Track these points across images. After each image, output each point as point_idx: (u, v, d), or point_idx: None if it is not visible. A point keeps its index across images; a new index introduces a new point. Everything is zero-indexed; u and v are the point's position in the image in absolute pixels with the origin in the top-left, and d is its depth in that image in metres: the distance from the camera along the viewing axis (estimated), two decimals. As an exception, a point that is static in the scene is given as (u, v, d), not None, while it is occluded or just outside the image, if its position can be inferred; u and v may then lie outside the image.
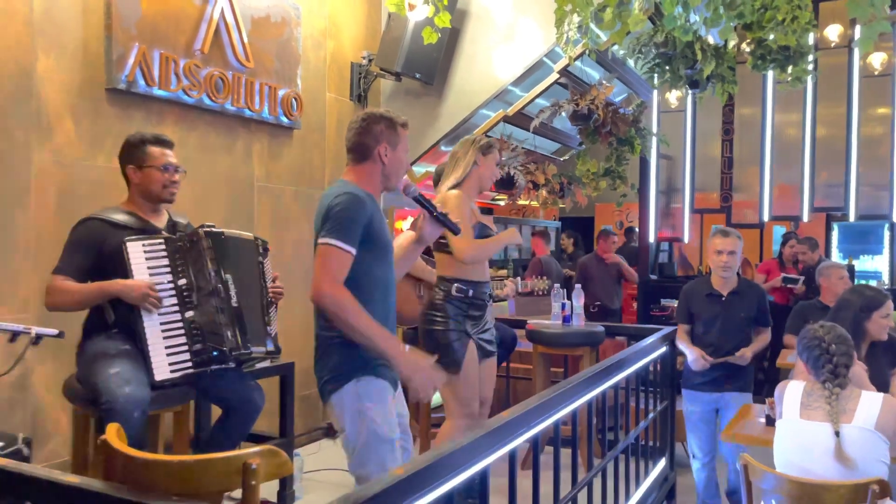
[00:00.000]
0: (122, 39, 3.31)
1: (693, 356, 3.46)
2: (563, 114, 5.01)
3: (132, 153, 2.66)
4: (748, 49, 4.35)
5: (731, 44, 4.11)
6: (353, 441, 2.21)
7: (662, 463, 3.72)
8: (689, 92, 5.02)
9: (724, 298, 3.49)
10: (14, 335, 2.22)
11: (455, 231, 2.52)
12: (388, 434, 2.22)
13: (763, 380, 6.23)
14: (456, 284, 3.02)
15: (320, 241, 2.16)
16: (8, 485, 1.55)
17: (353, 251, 2.15)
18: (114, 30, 3.28)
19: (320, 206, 2.26)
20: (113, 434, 1.57)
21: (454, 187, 3.09)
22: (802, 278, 6.32)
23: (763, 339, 3.57)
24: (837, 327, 2.45)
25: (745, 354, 3.43)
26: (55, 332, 2.28)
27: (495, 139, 3.71)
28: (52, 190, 3.12)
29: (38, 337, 2.23)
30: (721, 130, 7.45)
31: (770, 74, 6.96)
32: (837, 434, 2.22)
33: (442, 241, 3.00)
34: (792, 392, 2.41)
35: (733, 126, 7.49)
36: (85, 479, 1.48)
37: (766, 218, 7.31)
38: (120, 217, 2.60)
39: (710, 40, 4.37)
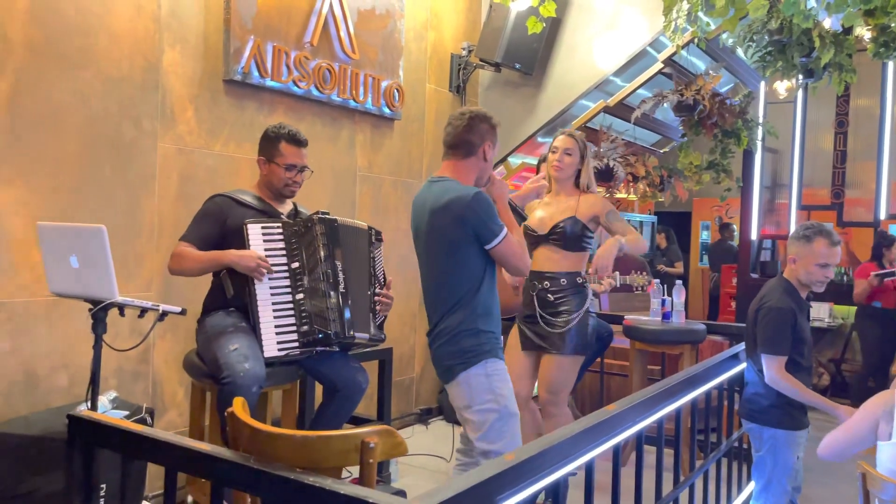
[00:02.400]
0: (238, 33, 3.47)
1: (844, 416, 2.48)
2: (666, 104, 4.88)
3: (265, 145, 2.83)
4: (869, 36, 4.10)
5: (856, 31, 3.88)
6: (482, 418, 2.38)
7: (765, 468, 3.59)
8: (802, 82, 4.76)
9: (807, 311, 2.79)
10: (143, 311, 2.37)
11: (523, 217, 2.87)
12: (515, 409, 2.43)
13: (874, 388, 5.89)
14: None
15: (496, 242, 2.37)
16: (143, 448, 1.68)
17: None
18: (232, 24, 3.44)
19: (447, 209, 2.38)
20: (239, 407, 1.66)
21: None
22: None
23: None
24: None
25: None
26: (179, 309, 2.42)
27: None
28: (174, 176, 3.31)
29: (164, 314, 2.38)
30: (834, 122, 7.04)
31: (891, 63, 6.53)
32: None
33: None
34: None
35: (848, 118, 7.06)
36: (215, 447, 1.58)
37: (881, 216, 6.87)
38: (246, 198, 2.78)
39: (827, 25, 4.14)
